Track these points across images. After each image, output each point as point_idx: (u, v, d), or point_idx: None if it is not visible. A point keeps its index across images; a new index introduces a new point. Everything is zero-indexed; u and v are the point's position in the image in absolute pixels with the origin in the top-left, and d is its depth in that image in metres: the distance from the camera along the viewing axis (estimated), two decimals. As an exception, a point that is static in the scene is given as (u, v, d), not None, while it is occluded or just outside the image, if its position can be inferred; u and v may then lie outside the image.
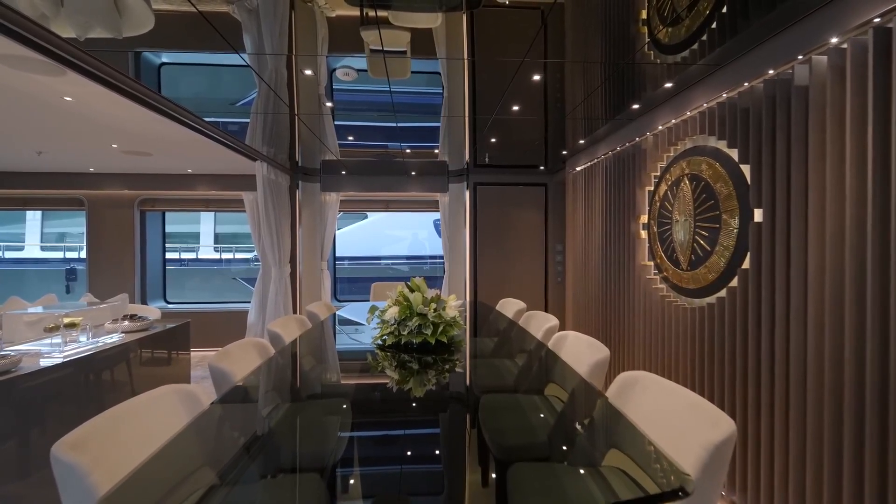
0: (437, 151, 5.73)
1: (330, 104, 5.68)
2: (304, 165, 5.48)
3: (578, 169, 4.52)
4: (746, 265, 2.17)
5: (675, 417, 1.29)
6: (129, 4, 2.45)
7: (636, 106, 3.18)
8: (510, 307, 3.53)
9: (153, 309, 3.90)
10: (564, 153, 4.97)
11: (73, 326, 2.61)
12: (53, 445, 1.03)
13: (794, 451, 1.84)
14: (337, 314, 3.76)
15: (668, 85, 2.75)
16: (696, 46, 2.51)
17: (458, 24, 5.34)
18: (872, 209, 1.54)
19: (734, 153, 2.27)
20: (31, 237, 14.57)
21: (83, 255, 5.71)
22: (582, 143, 4.38)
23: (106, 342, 2.72)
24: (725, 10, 2.26)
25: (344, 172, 5.55)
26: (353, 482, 1.10)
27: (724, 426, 1.11)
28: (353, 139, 6.64)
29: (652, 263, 3.11)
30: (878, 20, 1.52)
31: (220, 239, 14.81)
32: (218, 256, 14.53)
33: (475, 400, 1.70)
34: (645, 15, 3.15)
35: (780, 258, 1.94)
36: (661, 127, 2.94)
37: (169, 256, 6.24)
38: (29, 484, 2.07)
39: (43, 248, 14.50)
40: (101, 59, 2.24)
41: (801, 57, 1.82)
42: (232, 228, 14.51)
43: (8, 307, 4.04)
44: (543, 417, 1.51)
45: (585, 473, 1.11)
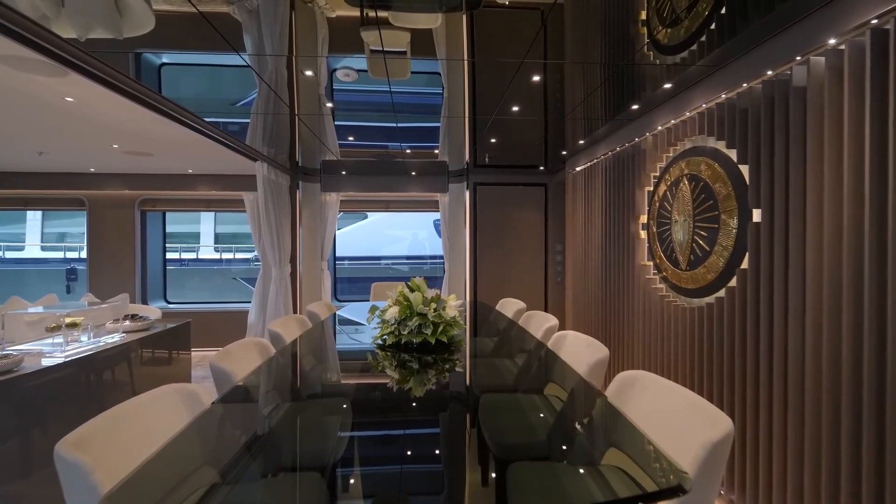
0: (436, 151, 5.74)
1: (330, 104, 5.68)
2: (304, 165, 5.48)
3: (578, 169, 4.53)
4: (745, 265, 2.18)
5: (673, 417, 1.30)
6: (129, 5, 2.46)
7: (636, 106, 3.19)
8: (510, 307, 3.54)
9: (154, 309, 3.90)
10: (564, 153, 4.98)
11: (74, 326, 2.62)
12: (57, 444, 1.04)
13: (792, 450, 1.85)
14: (337, 314, 3.76)
15: (667, 85, 2.75)
16: (695, 47, 2.52)
17: (457, 24, 5.34)
18: (870, 209, 1.55)
19: (733, 153, 2.28)
20: (31, 237, 14.57)
21: (84, 255, 5.71)
22: (581, 143, 4.39)
23: (107, 342, 2.73)
24: (724, 11, 2.27)
25: (344, 172, 5.55)
26: (353, 481, 1.11)
27: (722, 425, 1.12)
28: (353, 139, 6.65)
29: (651, 263, 3.12)
30: (875, 21, 1.52)
31: (220, 239, 14.81)
32: (218, 256, 14.53)
33: (475, 399, 1.71)
34: (644, 16, 3.15)
35: (778, 258, 1.95)
36: (660, 127, 2.95)
37: (169, 256, 6.25)
38: (30, 483, 2.07)
39: (43, 248, 14.50)
40: (101, 59, 2.24)
41: (799, 58, 1.83)
42: (232, 228, 14.52)
43: (9, 307, 4.04)
44: (543, 417, 1.52)
45: (585, 472, 1.12)
